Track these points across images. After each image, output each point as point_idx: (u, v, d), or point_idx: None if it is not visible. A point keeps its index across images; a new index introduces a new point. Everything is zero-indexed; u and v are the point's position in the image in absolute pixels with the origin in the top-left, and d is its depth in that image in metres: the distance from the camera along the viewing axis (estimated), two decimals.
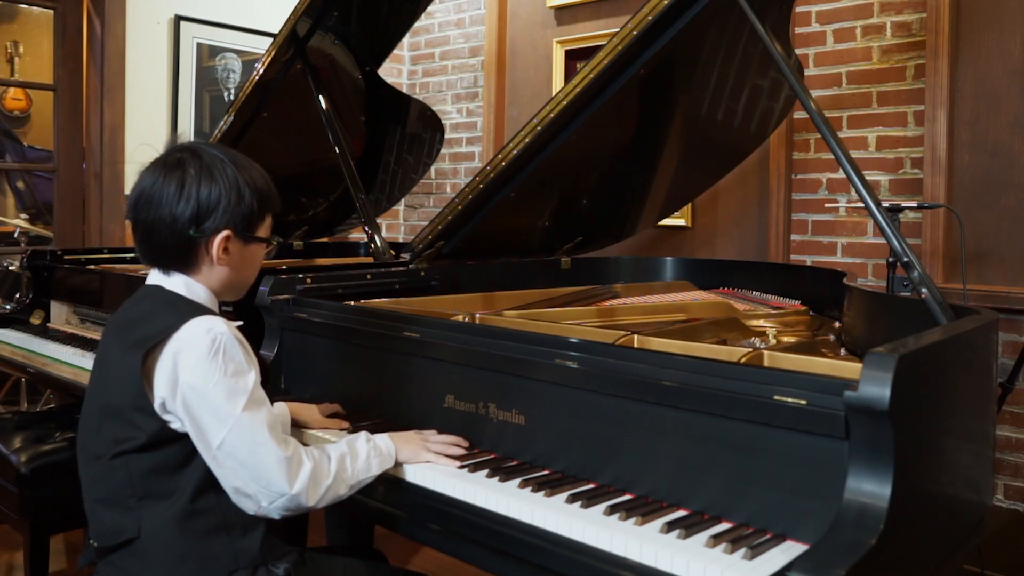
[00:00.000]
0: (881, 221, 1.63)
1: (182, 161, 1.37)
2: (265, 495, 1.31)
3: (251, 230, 1.42)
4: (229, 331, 1.34)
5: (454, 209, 2.34)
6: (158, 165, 1.38)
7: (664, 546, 1.16)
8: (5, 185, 5.49)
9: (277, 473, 1.30)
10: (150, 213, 1.36)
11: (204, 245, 1.38)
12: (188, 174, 1.36)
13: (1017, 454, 2.73)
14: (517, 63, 4.26)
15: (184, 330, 1.32)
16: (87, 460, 1.40)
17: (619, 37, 2.04)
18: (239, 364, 1.33)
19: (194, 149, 1.39)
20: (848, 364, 1.38)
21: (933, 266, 2.89)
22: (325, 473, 1.37)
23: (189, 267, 1.40)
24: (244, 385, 1.32)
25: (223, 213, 1.37)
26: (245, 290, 1.51)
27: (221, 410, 1.30)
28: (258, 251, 1.47)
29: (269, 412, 1.35)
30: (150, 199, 1.36)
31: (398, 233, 4.81)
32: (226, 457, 1.30)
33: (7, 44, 5.50)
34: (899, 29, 3.01)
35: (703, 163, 2.78)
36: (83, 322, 2.94)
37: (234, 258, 1.42)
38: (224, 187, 1.37)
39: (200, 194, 1.35)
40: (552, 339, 1.51)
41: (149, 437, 1.32)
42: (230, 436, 1.29)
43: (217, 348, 1.31)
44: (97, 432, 1.37)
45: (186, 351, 1.31)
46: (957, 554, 1.37)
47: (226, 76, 4.14)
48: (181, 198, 1.34)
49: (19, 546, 2.57)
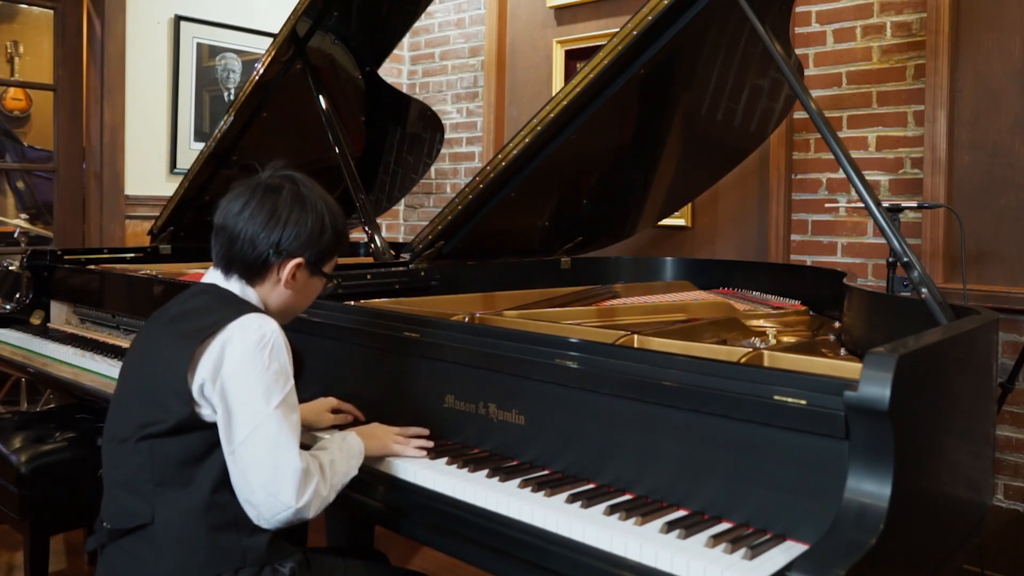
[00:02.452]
0: (881, 221, 1.63)
1: (280, 187, 1.46)
2: (270, 506, 1.32)
3: (320, 264, 1.50)
4: (280, 332, 1.39)
5: (454, 209, 2.34)
6: (257, 184, 1.46)
7: (664, 546, 1.16)
8: (5, 185, 5.49)
9: (289, 482, 1.32)
10: (238, 226, 1.43)
11: (277, 267, 1.46)
12: (283, 200, 1.45)
13: (1017, 454, 2.73)
14: (517, 63, 4.26)
15: (237, 323, 1.36)
16: (112, 441, 1.42)
17: (619, 37, 2.04)
18: (282, 365, 1.37)
19: (293, 178, 1.49)
20: (848, 364, 1.38)
21: (933, 266, 2.89)
22: (324, 486, 1.39)
23: (254, 280, 1.48)
24: (282, 386, 1.36)
25: (303, 243, 1.45)
26: (292, 318, 1.58)
27: (255, 403, 1.33)
28: (319, 285, 1.55)
29: (298, 423, 1.38)
30: (241, 213, 1.43)
31: (398, 233, 4.81)
32: (245, 454, 1.32)
33: (7, 44, 5.50)
34: (899, 29, 3.01)
35: (703, 163, 2.78)
36: (83, 322, 2.94)
37: (299, 285, 1.49)
38: (312, 219, 1.46)
39: (288, 221, 1.44)
40: (552, 339, 1.51)
41: (177, 422, 1.34)
42: (256, 433, 1.32)
43: (265, 344, 1.35)
44: (126, 416, 1.40)
45: (235, 340, 1.35)
46: (957, 554, 1.37)
47: (226, 76, 4.14)
48: (270, 221, 1.43)
49: (19, 546, 2.57)
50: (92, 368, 2.43)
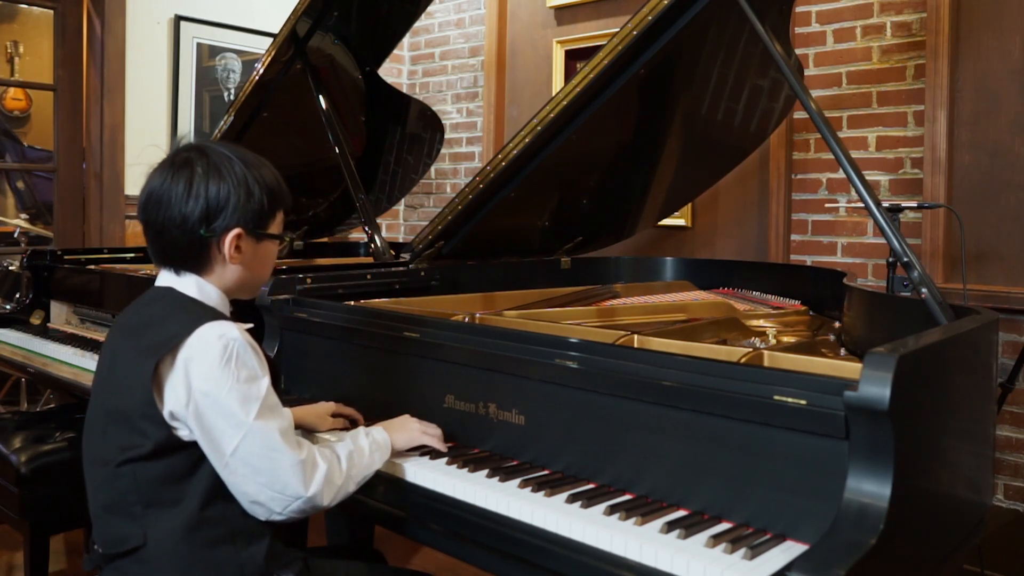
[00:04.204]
0: (881, 221, 1.63)
1: (189, 160, 1.36)
2: (279, 501, 1.30)
3: (262, 227, 1.41)
4: (241, 336, 1.33)
5: (454, 209, 2.34)
6: (165, 165, 1.38)
7: (664, 546, 1.16)
8: (5, 185, 5.48)
9: (292, 477, 1.30)
10: (160, 214, 1.35)
11: (216, 244, 1.37)
12: (196, 173, 1.35)
13: (1017, 454, 2.73)
14: (517, 63, 4.26)
15: (195, 336, 1.30)
16: (92, 464, 1.38)
17: (619, 37, 2.04)
18: (252, 370, 1.32)
19: (201, 148, 1.39)
20: (848, 364, 1.38)
21: (933, 266, 2.89)
22: (338, 472, 1.37)
23: (201, 267, 1.39)
24: (257, 391, 1.31)
25: (233, 211, 1.36)
26: (259, 289, 1.51)
27: (235, 417, 1.29)
28: (271, 248, 1.46)
29: (282, 417, 1.35)
30: (159, 199, 1.35)
31: (398, 233, 4.81)
32: (239, 464, 1.29)
33: (7, 44, 5.50)
34: (899, 29, 3.01)
35: (703, 163, 2.78)
36: (83, 322, 2.94)
37: (246, 256, 1.40)
38: (233, 185, 1.36)
39: (209, 193, 1.34)
40: (552, 339, 1.51)
41: (156, 445, 1.30)
42: (244, 443, 1.29)
43: (230, 355, 1.29)
44: (102, 436, 1.36)
45: (198, 358, 1.29)
46: (957, 554, 1.37)
47: (226, 76, 4.14)
48: (190, 197, 1.34)
49: (19, 546, 2.57)
50: (92, 368, 2.43)
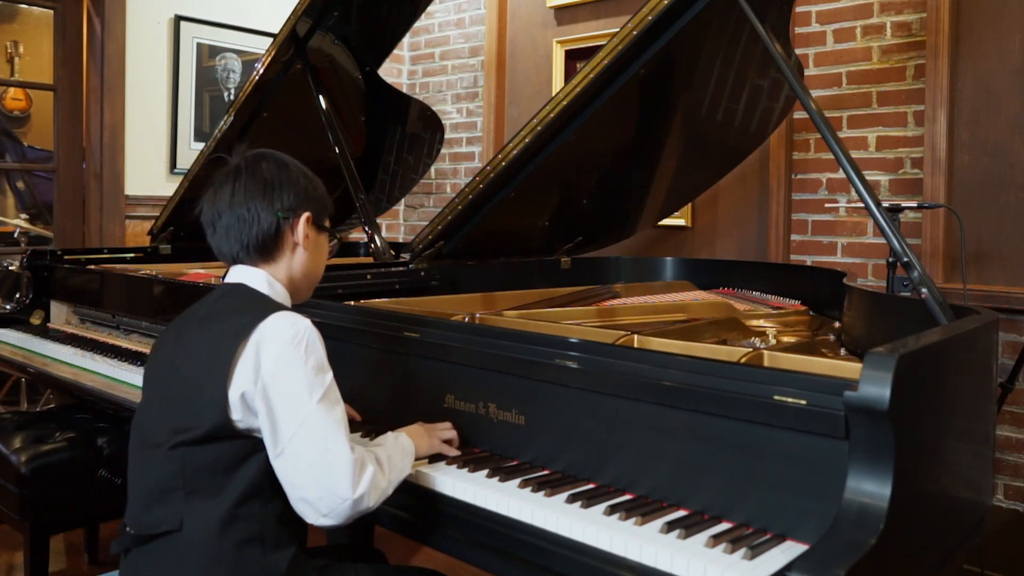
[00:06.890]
0: (881, 221, 1.63)
1: (258, 161, 1.49)
2: (326, 501, 1.30)
3: (322, 219, 1.54)
4: (312, 326, 1.38)
5: (454, 209, 2.34)
6: (236, 168, 1.48)
7: (664, 546, 1.16)
8: (5, 185, 5.48)
9: (343, 474, 1.30)
10: (234, 207, 1.45)
11: (289, 228, 1.47)
12: (268, 170, 1.48)
13: (1017, 454, 2.73)
14: (517, 63, 4.26)
15: (269, 321, 1.35)
16: (143, 446, 1.40)
17: (619, 37, 2.04)
18: (320, 360, 1.36)
19: (264, 153, 1.52)
20: (848, 364, 1.38)
21: (933, 266, 2.89)
22: (382, 476, 1.37)
23: (272, 256, 1.48)
24: (323, 380, 1.35)
25: (302, 198, 1.48)
26: (312, 289, 1.59)
27: (298, 400, 1.31)
28: (325, 243, 1.57)
29: (343, 414, 1.36)
30: (234, 197, 1.45)
31: (398, 233, 4.81)
32: (294, 454, 1.30)
33: (7, 44, 5.49)
34: (899, 29, 3.01)
35: (703, 163, 2.78)
36: (83, 322, 2.94)
37: (311, 243, 1.51)
38: (300, 177, 1.50)
39: (282, 184, 1.47)
40: (552, 339, 1.51)
41: (209, 429, 1.32)
42: (303, 430, 1.30)
43: (300, 339, 1.34)
44: (158, 420, 1.38)
45: (269, 341, 1.34)
46: (957, 554, 1.37)
47: (226, 76, 4.14)
48: (266, 190, 1.46)
49: (19, 546, 2.57)
50: (92, 368, 2.43)
